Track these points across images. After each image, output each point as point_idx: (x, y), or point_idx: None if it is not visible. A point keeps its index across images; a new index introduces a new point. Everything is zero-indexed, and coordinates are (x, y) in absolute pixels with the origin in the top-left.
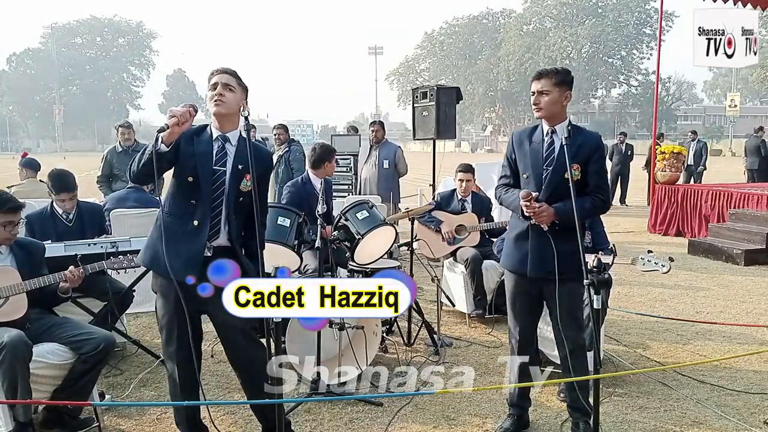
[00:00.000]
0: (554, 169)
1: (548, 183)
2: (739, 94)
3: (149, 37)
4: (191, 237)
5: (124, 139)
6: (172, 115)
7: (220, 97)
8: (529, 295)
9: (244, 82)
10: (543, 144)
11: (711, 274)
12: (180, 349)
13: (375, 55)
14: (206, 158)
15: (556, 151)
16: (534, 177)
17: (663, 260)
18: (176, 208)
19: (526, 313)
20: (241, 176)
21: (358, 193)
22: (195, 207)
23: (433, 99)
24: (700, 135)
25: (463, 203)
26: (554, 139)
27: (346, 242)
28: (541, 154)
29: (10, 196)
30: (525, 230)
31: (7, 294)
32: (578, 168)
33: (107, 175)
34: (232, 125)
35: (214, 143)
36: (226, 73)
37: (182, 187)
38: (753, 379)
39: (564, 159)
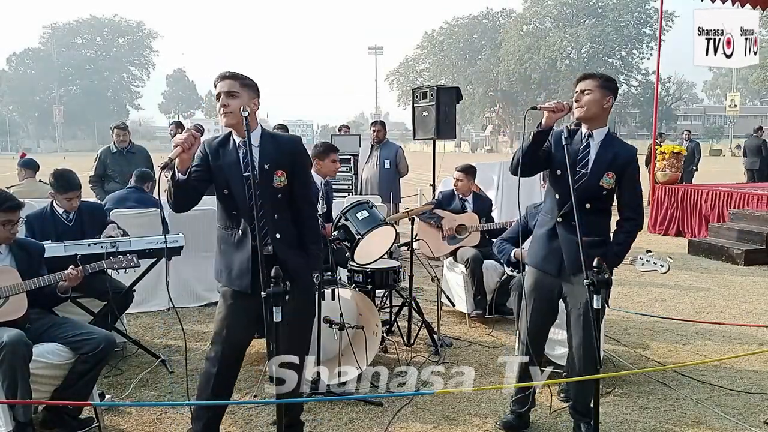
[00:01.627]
0: (590, 173)
1: (582, 187)
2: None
3: (149, 37)
4: (238, 247)
5: (119, 140)
6: (176, 144)
7: (225, 108)
8: (548, 293)
9: (250, 81)
10: (581, 146)
11: (711, 274)
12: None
13: (375, 55)
14: (234, 167)
15: (592, 155)
16: (566, 177)
17: (662, 260)
18: (224, 221)
19: (540, 312)
20: (271, 175)
21: (359, 193)
22: (237, 217)
23: (433, 99)
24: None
25: (463, 203)
26: (590, 142)
27: (346, 242)
28: (577, 155)
29: (9, 195)
30: (552, 228)
31: (7, 294)
32: (613, 176)
33: (100, 175)
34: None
35: (239, 150)
36: (227, 79)
37: (222, 200)
38: (753, 379)
39: (600, 164)
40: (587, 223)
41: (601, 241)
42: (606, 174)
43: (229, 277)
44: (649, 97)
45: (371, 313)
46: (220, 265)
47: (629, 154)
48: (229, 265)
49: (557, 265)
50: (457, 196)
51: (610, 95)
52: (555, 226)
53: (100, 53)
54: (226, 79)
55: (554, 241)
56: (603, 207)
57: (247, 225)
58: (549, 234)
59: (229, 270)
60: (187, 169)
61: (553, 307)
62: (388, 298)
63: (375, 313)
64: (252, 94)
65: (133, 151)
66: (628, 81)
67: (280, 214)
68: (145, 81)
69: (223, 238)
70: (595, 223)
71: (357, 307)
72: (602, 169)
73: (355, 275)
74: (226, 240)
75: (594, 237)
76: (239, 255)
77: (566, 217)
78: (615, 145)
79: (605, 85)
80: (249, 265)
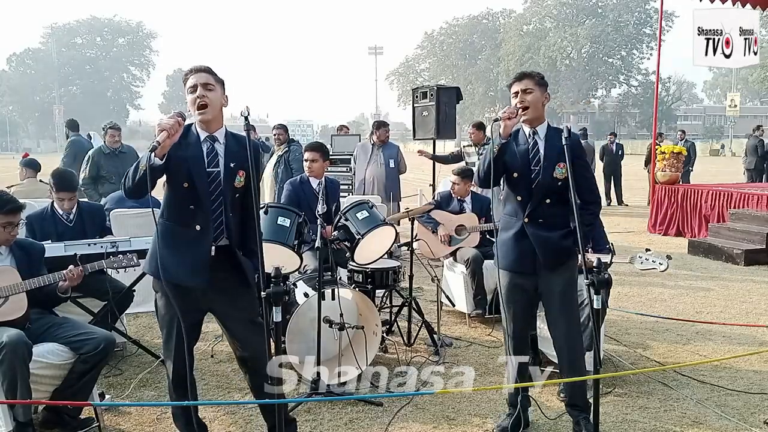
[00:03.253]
0: (542, 169)
1: (538, 183)
2: (739, 94)
3: (149, 37)
4: (195, 242)
5: (113, 141)
6: (162, 128)
7: (202, 100)
8: (525, 291)
9: (219, 76)
10: (528, 145)
11: (711, 274)
12: (178, 349)
13: (375, 55)
14: (198, 162)
15: (541, 151)
16: (524, 176)
17: (661, 258)
18: (175, 215)
19: (522, 310)
20: (234, 174)
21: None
22: (194, 212)
23: (433, 99)
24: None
25: (462, 203)
26: (537, 140)
27: (346, 242)
28: (528, 154)
29: (10, 197)
30: (520, 229)
31: (7, 294)
32: (563, 166)
33: (94, 177)
34: (217, 124)
35: (203, 145)
36: (203, 72)
37: (178, 193)
38: (753, 379)
39: (551, 158)
40: (551, 216)
41: (568, 232)
42: (557, 165)
43: (180, 272)
44: (649, 97)
45: (371, 313)
46: (164, 260)
47: (573, 141)
48: (181, 261)
49: (531, 263)
50: (455, 197)
51: (546, 92)
52: (523, 227)
53: (100, 53)
54: (202, 72)
55: (524, 241)
56: (561, 198)
57: (206, 221)
58: (517, 235)
59: (181, 265)
60: (164, 156)
61: (532, 302)
62: (388, 298)
63: (375, 313)
64: (222, 89)
65: (124, 151)
66: (628, 81)
67: (234, 213)
68: (145, 81)
69: (171, 231)
70: (558, 215)
71: (357, 307)
72: (553, 162)
73: (355, 275)
74: (177, 235)
75: (560, 229)
76: (196, 250)
77: (532, 216)
78: (558, 136)
79: (541, 82)
80: (208, 261)
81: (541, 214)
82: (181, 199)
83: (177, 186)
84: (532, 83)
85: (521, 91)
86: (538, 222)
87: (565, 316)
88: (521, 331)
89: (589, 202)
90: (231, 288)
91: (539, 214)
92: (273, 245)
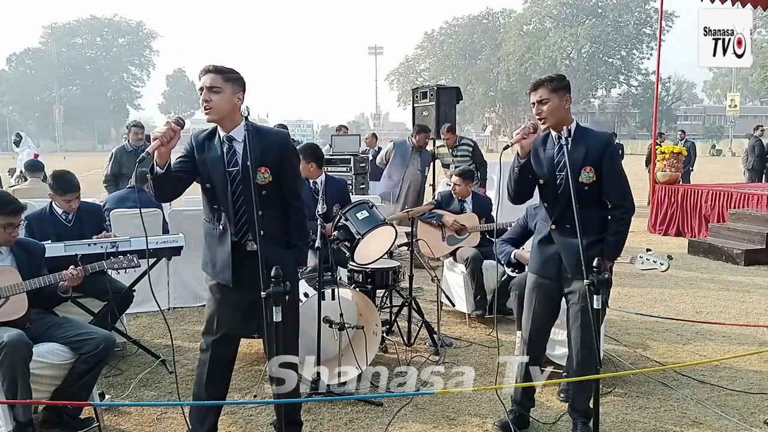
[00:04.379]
0: (567, 174)
1: (563, 190)
2: (739, 94)
3: (149, 37)
4: (220, 241)
5: (136, 139)
6: (154, 138)
7: (206, 104)
8: (548, 293)
9: (234, 74)
10: (554, 150)
11: (711, 274)
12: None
13: (375, 55)
14: (217, 162)
15: (566, 155)
16: (550, 183)
17: (661, 258)
18: (207, 214)
19: (543, 311)
20: (255, 171)
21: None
22: (219, 212)
23: (433, 99)
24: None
25: (462, 204)
26: (562, 144)
27: (346, 242)
28: (553, 160)
29: (11, 198)
30: (548, 235)
31: (7, 294)
32: (591, 170)
33: (116, 174)
34: (232, 123)
35: (223, 146)
36: (210, 73)
37: (205, 193)
38: (753, 379)
39: (577, 162)
40: (581, 220)
41: (597, 240)
42: (583, 170)
43: (213, 269)
44: (649, 97)
45: (371, 313)
46: (206, 257)
47: (602, 141)
48: (213, 258)
49: (556, 269)
50: (455, 198)
51: (566, 94)
52: (550, 233)
53: (100, 53)
54: (209, 74)
55: (550, 247)
56: (591, 201)
57: (227, 220)
58: (545, 240)
59: (213, 263)
60: (166, 163)
61: (554, 304)
62: (388, 298)
63: (375, 313)
64: (236, 88)
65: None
66: (628, 81)
67: (264, 210)
68: (145, 81)
69: (207, 230)
70: (589, 220)
71: (357, 307)
72: (578, 165)
73: (355, 275)
74: (209, 233)
75: (591, 235)
76: (221, 249)
77: (559, 222)
78: (586, 138)
79: (558, 87)
80: (230, 259)
81: (568, 220)
82: (209, 199)
83: (203, 187)
84: (547, 92)
85: (537, 102)
86: (566, 228)
87: (581, 318)
88: (539, 333)
89: (616, 206)
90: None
91: (566, 219)
92: None
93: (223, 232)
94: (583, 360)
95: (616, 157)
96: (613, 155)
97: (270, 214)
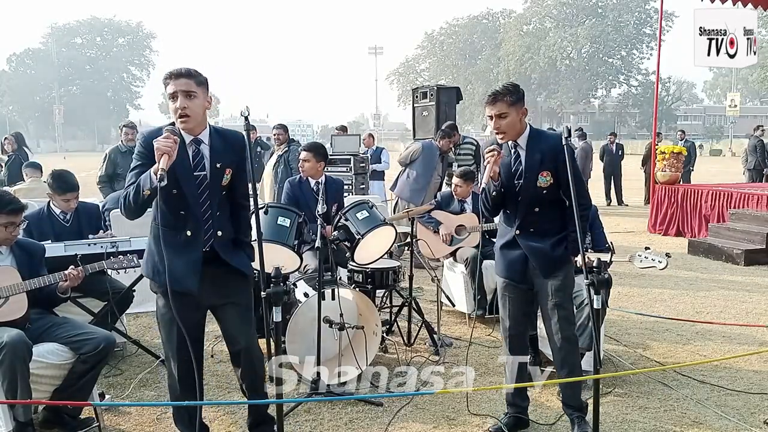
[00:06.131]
0: (525, 181)
1: (523, 196)
2: (739, 94)
3: (149, 37)
4: (186, 247)
5: (128, 139)
6: (162, 152)
7: (184, 111)
8: (519, 290)
9: (203, 77)
10: (511, 159)
11: (711, 274)
12: (180, 348)
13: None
14: (185, 167)
15: (523, 163)
16: (509, 190)
17: (660, 257)
18: (168, 220)
19: (516, 308)
20: (221, 174)
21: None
22: (185, 217)
23: (433, 99)
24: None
25: (462, 204)
26: (519, 152)
27: (346, 242)
28: (510, 168)
29: (12, 198)
30: (512, 239)
31: (7, 294)
32: (547, 174)
33: (110, 175)
34: (201, 127)
35: (189, 149)
36: (183, 77)
37: (169, 199)
38: (753, 379)
39: (533, 169)
40: (542, 223)
41: (561, 239)
42: (540, 174)
43: (172, 276)
44: (649, 97)
45: (371, 313)
46: (157, 265)
47: (553, 145)
48: (171, 265)
49: (522, 271)
50: (456, 198)
51: (522, 105)
52: (515, 238)
53: (100, 53)
54: (182, 78)
55: (514, 251)
56: (551, 205)
57: (196, 225)
58: (509, 245)
59: (171, 270)
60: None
61: (527, 303)
62: (388, 298)
63: (375, 313)
64: (206, 91)
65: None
66: (628, 81)
67: (222, 210)
68: (145, 81)
69: (164, 237)
70: (549, 222)
71: (357, 307)
72: (535, 172)
73: (355, 275)
74: (169, 239)
75: (554, 235)
76: (187, 255)
77: (523, 228)
78: (540, 142)
79: (516, 100)
80: (198, 266)
81: (531, 224)
82: (173, 205)
83: (167, 193)
84: (506, 106)
85: (495, 116)
86: (530, 231)
87: (558, 313)
88: (517, 328)
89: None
90: (223, 281)
91: (529, 223)
92: (273, 245)
93: (190, 238)
94: (566, 352)
95: (570, 157)
96: (565, 157)
97: (225, 214)
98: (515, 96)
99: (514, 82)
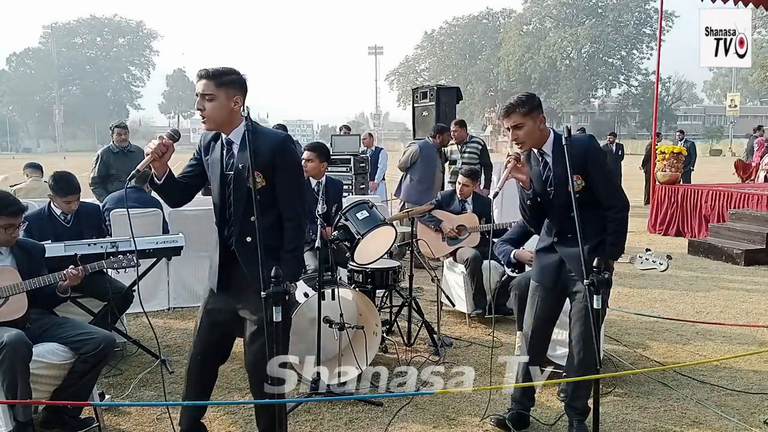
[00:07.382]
0: (556, 187)
1: (557, 202)
2: (739, 94)
3: (149, 37)
4: (216, 247)
5: (120, 139)
6: (147, 153)
7: (201, 113)
8: (550, 291)
9: (229, 77)
10: (540, 167)
11: (711, 274)
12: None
13: (375, 55)
14: (216, 165)
15: (552, 169)
16: (543, 200)
17: (661, 258)
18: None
19: (544, 310)
20: (246, 175)
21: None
22: (219, 214)
23: (433, 99)
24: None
25: (463, 204)
26: (546, 159)
27: (346, 242)
28: (542, 177)
29: (13, 199)
30: (549, 245)
31: (7, 294)
32: (579, 177)
33: (103, 176)
34: (230, 127)
35: (224, 149)
36: (203, 79)
37: (211, 194)
38: (753, 379)
39: (562, 175)
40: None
41: (599, 243)
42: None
43: (209, 271)
44: (649, 97)
45: (371, 313)
46: None
47: (581, 148)
48: (211, 261)
49: (554, 277)
50: (457, 197)
51: (539, 113)
52: (552, 244)
53: (100, 53)
54: (201, 80)
55: (550, 256)
56: (586, 206)
57: (222, 224)
58: (546, 249)
59: (210, 265)
60: (164, 174)
61: (555, 308)
62: (388, 298)
63: (375, 313)
64: (232, 91)
65: (132, 150)
66: (628, 81)
67: (247, 214)
68: (145, 81)
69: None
70: (587, 225)
71: (357, 307)
72: (564, 177)
73: (355, 275)
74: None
75: (592, 239)
76: (215, 254)
77: (561, 234)
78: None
79: (530, 109)
80: (218, 264)
81: (569, 229)
82: (214, 200)
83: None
84: (520, 117)
85: (512, 128)
86: (567, 237)
87: (584, 323)
88: (541, 334)
89: (609, 207)
90: (241, 291)
91: (567, 229)
92: None
93: (218, 236)
94: (585, 359)
95: (599, 159)
96: (595, 158)
97: (265, 222)
98: (528, 106)
99: (528, 92)
